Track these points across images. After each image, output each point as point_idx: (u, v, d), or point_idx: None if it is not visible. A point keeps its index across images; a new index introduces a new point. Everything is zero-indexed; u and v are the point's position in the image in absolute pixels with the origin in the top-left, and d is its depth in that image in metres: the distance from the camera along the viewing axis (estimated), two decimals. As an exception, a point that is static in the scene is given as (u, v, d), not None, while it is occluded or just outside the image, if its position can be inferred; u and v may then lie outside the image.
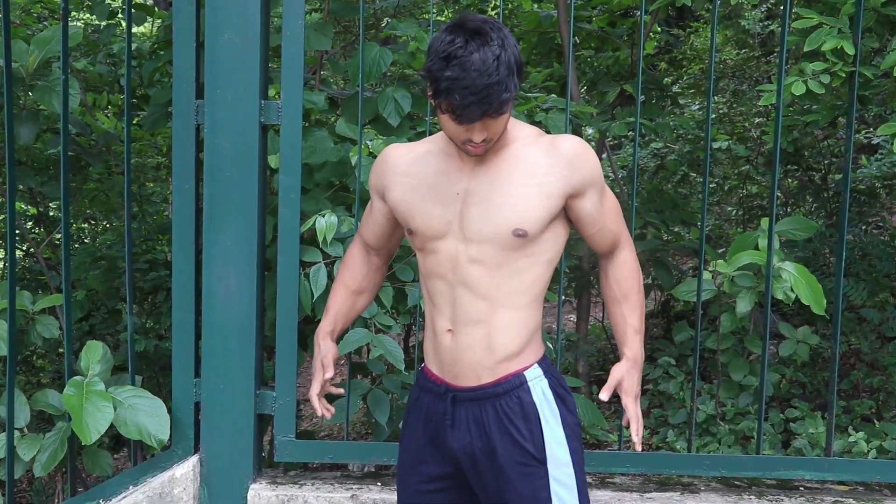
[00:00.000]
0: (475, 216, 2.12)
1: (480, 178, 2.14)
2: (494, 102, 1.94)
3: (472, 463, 2.20)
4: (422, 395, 2.31)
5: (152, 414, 2.96)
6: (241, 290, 3.01)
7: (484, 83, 1.91)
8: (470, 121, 1.97)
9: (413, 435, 2.32)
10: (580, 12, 5.65)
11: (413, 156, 2.27)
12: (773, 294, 3.21)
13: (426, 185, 2.20)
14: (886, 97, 4.98)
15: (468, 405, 2.20)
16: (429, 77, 1.97)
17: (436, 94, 1.96)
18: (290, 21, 3.00)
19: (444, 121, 2.04)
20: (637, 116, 3.21)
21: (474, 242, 2.13)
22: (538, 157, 2.13)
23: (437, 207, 2.17)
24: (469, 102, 1.92)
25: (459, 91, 1.91)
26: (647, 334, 6.57)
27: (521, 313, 2.18)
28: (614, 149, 8.22)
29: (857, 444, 4.06)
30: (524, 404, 2.17)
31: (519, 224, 2.09)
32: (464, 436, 2.20)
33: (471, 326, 2.17)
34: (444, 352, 2.22)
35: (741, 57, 8.05)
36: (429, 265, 2.22)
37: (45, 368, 5.43)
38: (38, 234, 5.42)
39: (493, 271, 2.13)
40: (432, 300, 2.24)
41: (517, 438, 2.16)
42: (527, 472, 2.15)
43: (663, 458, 3.23)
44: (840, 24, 3.39)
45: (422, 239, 2.21)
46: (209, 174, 3.02)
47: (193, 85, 3.02)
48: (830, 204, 6.29)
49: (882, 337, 5.52)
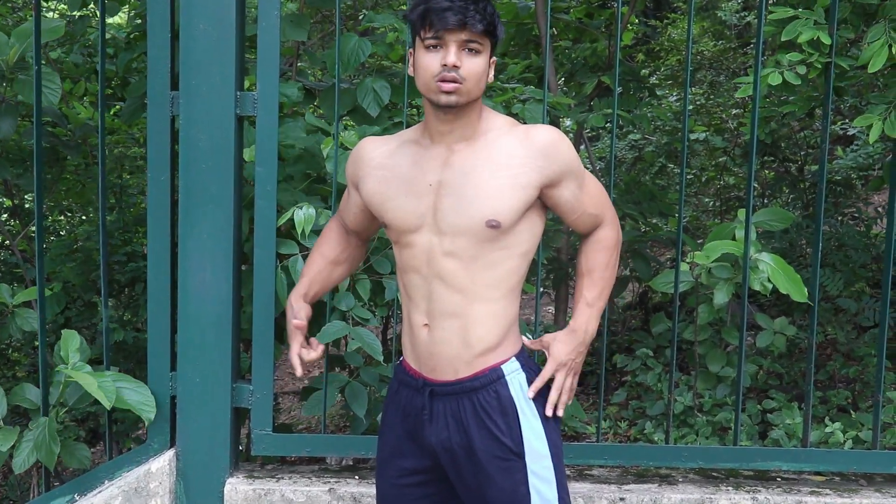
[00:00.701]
0: (448, 208, 2.11)
1: (454, 168, 2.13)
2: (474, 16, 2.00)
3: (450, 457, 2.19)
4: (400, 389, 2.30)
5: (137, 393, 2.96)
6: (217, 283, 3.00)
7: None
8: (447, 25, 2.00)
9: (392, 429, 2.31)
10: (558, 3, 5.65)
11: (387, 148, 2.27)
12: (750, 285, 3.22)
13: (399, 178, 2.20)
14: (862, 88, 5.00)
15: (446, 399, 2.19)
16: (412, 6, 2.06)
17: (416, 17, 2.04)
18: (266, 11, 2.97)
19: (420, 57, 2.08)
20: (614, 108, 3.20)
21: (448, 235, 2.12)
22: (512, 148, 2.12)
23: (410, 200, 2.16)
24: (448, 6, 1.99)
25: (440, 0, 2.00)
26: (625, 325, 6.60)
27: (496, 306, 2.17)
28: (592, 140, 8.24)
29: (833, 434, 4.08)
30: (501, 398, 2.16)
31: (492, 215, 2.08)
32: (441, 430, 2.19)
33: (447, 320, 2.16)
34: (420, 346, 2.21)
35: (718, 48, 8.08)
36: (404, 259, 2.21)
37: (21, 362, 5.40)
38: (13, 227, 5.38)
39: (468, 264, 2.12)
40: (409, 294, 2.23)
41: (495, 433, 2.15)
42: (505, 466, 2.15)
43: (641, 450, 3.23)
44: (816, 17, 3.39)
45: (396, 232, 2.20)
46: (185, 166, 3.00)
47: (168, 76, 2.99)
48: (807, 195, 6.33)
49: (858, 327, 5.56)
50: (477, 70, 2.07)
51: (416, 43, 2.10)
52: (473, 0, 2.02)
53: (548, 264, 5.26)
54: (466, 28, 2.01)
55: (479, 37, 2.04)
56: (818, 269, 3.16)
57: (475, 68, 2.06)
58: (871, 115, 3.45)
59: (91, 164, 4.93)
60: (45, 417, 2.98)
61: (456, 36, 2.02)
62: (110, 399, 2.81)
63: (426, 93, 2.10)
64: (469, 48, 2.04)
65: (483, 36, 2.05)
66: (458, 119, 2.13)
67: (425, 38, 2.05)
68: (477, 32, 2.03)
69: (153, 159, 3.02)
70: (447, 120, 2.13)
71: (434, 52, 2.05)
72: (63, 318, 4.78)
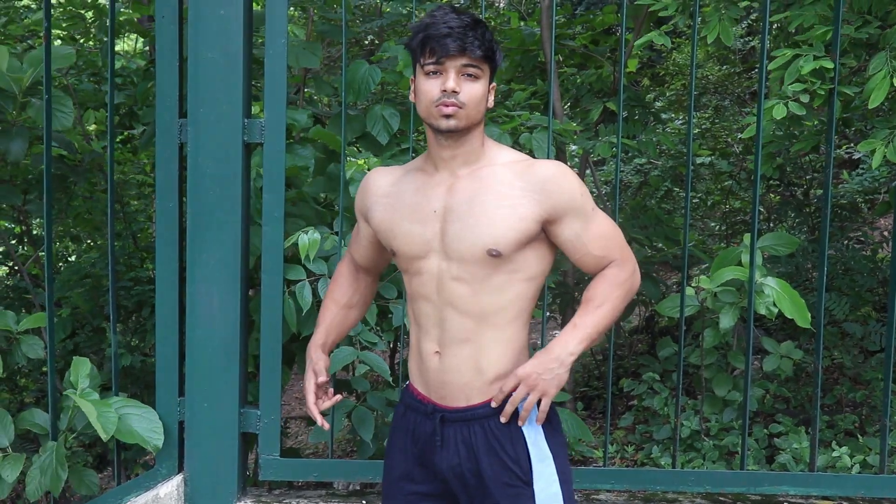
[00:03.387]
0: (454, 234, 2.13)
1: (458, 196, 2.15)
2: (470, 42, 2.04)
3: (461, 483, 2.19)
4: (408, 413, 2.30)
5: (145, 420, 2.97)
6: (225, 309, 3.01)
7: (462, 24, 2.05)
8: (446, 51, 2.03)
9: (401, 452, 2.31)
10: (563, 30, 5.68)
11: (393, 177, 2.30)
12: (755, 309, 3.23)
13: (405, 205, 2.22)
14: (868, 113, 5.02)
15: (457, 426, 2.19)
16: (412, 34, 2.08)
17: (417, 44, 2.08)
18: (273, 39, 3.00)
19: (420, 84, 2.12)
20: (619, 134, 3.22)
21: (455, 261, 2.13)
22: (513, 179, 2.13)
23: (416, 226, 2.18)
24: (447, 33, 2.03)
25: (440, 27, 2.04)
26: (632, 350, 6.59)
27: (506, 332, 2.17)
28: (598, 164, 8.25)
29: (840, 458, 4.07)
30: (511, 426, 2.17)
31: (493, 245, 2.09)
32: (452, 456, 2.19)
33: (458, 347, 2.16)
34: (431, 373, 2.22)
35: (723, 73, 8.11)
36: (414, 287, 2.22)
37: (29, 388, 5.41)
38: (27, 252, 5.40)
39: (477, 289, 2.13)
40: (418, 322, 2.24)
41: (504, 459, 2.15)
42: (514, 493, 2.15)
43: (648, 475, 3.23)
44: (816, 52, 3.41)
45: (405, 259, 2.22)
46: (193, 193, 3.01)
47: (177, 104, 3.02)
48: (813, 219, 6.33)
49: (865, 351, 5.55)
50: (476, 95, 2.10)
51: (417, 70, 2.13)
52: (472, 26, 2.05)
53: (555, 288, 5.27)
54: (465, 54, 2.05)
55: (478, 62, 2.07)
56: (823, 294, 3.16)
57: (475, 93, 2.09)
58: (875, 140, 3.46)
59: (97, 191, 4.96)
60: (54, 442, 2.99)
61: (455, 62, 2.06)
62: (108, 430, 2.81)
63: (427, 118, 2.13)
64: (468, 73, 2.08)
65: (482, 61, 2.08)
66: (460, 145, 2.15)
67: (425, 64, 2.08)
68: (476, 58, 2.06)
69: (161, 186, 3.05)
70: (448, 145, 2.15)
71: (434, 77, 2.08)
72: (71, 343, 4.79)
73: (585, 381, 6.37)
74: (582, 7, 6.88)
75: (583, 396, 6.09)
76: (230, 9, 2.97)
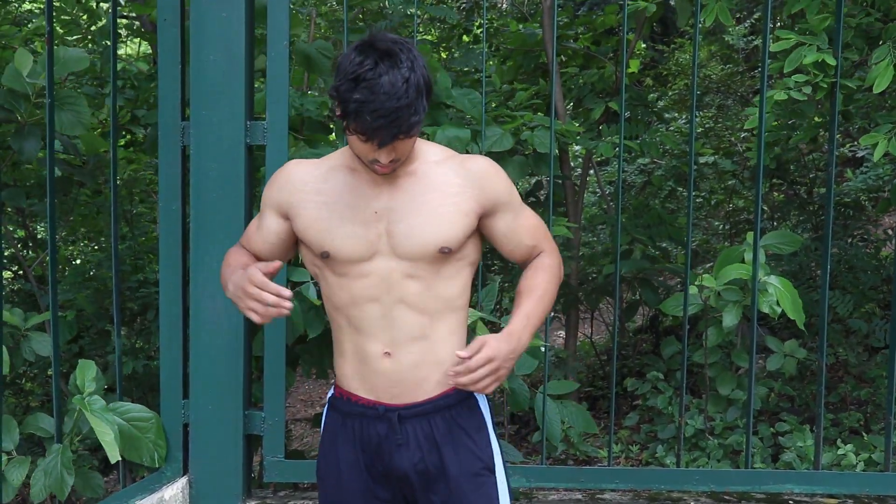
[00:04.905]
0: (402, 234, 2.08)
1: (398, 196, 2.11)
2: (404, 125, 1.91)
3: (424, 479, 2.14)
4: (347, 421, 2.20)
5: (149, 430, 2.99)
6: (228, 311, 3.01)
7: (393, 106, 1.87)
8: (382, 144, 1.93)
9: (351, 467, 2.20)
10: (565, 31, 5.68)
11: (320, 173, 2.19)
12: (759, 308, 3.23)
13: (341, 205, 2.13)
14: (870, 110, 5.02)
15: (415, 421, 2.14)
16: (337, 97, 1.92)
17: (345, 115, 1.92)
18: (275, 42, 3.01)
19: (352, 141, 2.00)
20: (621, 134, 3.23)
21: (406, 260, 2.09)
22: (450, 177, 2.12)
23: (358, 228, 2.10)
24: (379, 125, 1.89)
25: (369, 114, 1.87)
26: (636, 349, 6.59)
27: (454, 321, 2.17)
28: (602, 164, 8.25)
29: (845, 456, 4.07)
30: (474, 413, 2.17)
31: (444, 242, 2.08)
32: (414, 453, 2.14)
33: (413, 344, 2.12)
34: (378, 375, 2.14)
35: (726, 72, 8.10)
36: (355, 291, 2.13)
37: (35, 392, 5.42)
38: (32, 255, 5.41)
39: (431, 283, 2.11)
40: (356, 326, 2.15)
41: (471, 448, 2.15)
42: (480, 482, 2.14)
43: (653, 474, 3.24)
44: (819, 42, 3.42)
45: (343, 263, 2.12)
46: (196, 195, 3.02)
47: (179, 106, 3.03)
48: (816, 217, 6.32)
49: (869, 349, 5.55)
50: (408, 149, 2.04)
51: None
52: (406, 107, 1.90)
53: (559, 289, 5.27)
54: (398, 138, 1.95)
55: (411, 133, 1.97)
56: (826, 292, 3.16)
57: (407, 149, 2.03)
58: (877, 134, 3.46)
59: (102, 193, 4.97)
60: (59, 445, 3.00)
61: (387, 146, 1.97)
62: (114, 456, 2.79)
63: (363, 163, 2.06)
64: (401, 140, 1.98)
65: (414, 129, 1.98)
66: None
67: (356, 134, 1.96)
68: (409, 135, 1.96)
69: (164, 189, 3.05)
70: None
71: (366, 142, 1.96)
72: (77, 346, 4.80)
73: (590, 381, 6.37)
74: (584, 8, 6.88)
75: (587, 396, 6.08)
76: (232, 11, 2.98)
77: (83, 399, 2.93)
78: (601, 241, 7.03)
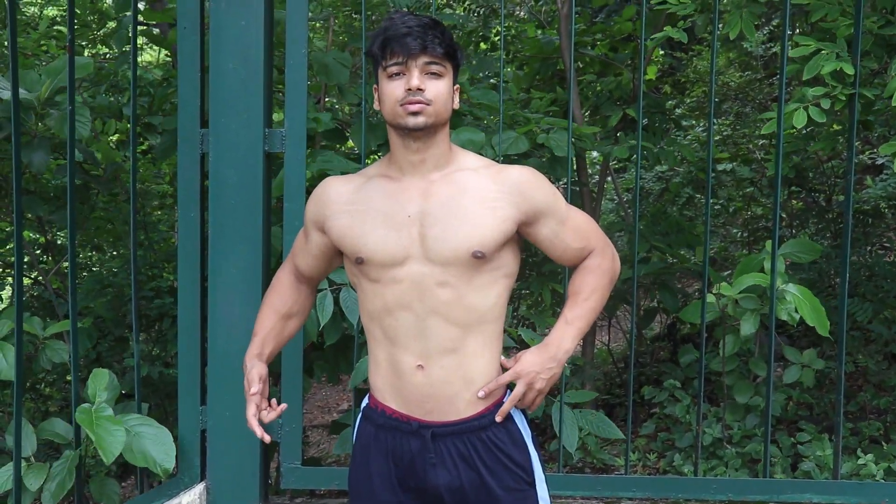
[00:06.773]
0: (435, 238, 2.07)
1: (432, 200, 2.10)
2: (431, 38, 2.01)
3: (460, 497, 2.13)
4: (380, 434, 2.18)
5: (158, 442, 2.96)
6: (246, 318, 3.01)
7: (423, 23, 2.03)
8: (408, 50, 2.00)
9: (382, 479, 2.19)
10: (582, 38, 5.68)
11: (352, 186, 2.22)
12: (777, 316, 3.21)
13: (375, 211, 2.14)
14: (890, 118, 4.99)
15: (449, 440, 2.13)
16: (370, 44, 2.07)
17: (377, 47, 2.04)
18: (293, 50, 3.02)
19: (384, 87, 2.07)
20: (639, 141, 3.22)
21: (438, 265, 2.07)
22: (487, 184, 2.11)
23: (391, 232, 2.10)
24: (407, 32, 2.00)
25: (399, 28, 2.01)
26: (654, 357, 6.57)
27: (488, 335, 2.14)
28: (619, 172, 8.24)
29: (865, 466, 4.04)
30: (512, 433, 2.15)
31: (478, 246, 2.05)
32: (448, 472, 2.12)
33: (445, 357, 2.10)
34: (411, 389, 2.13)
35: (744, 79, 8.07)
36: (388, 298, 2.12)
37: (54, 397, 5.44)
38: (47, 263, 5.45)
39: (463, 292, 2.09)
40: (390, 336, 2.14)
41: (510, 466, 2.13)
42: (519, 497, 2.14)
43: (670, 482, 3.23)
44: (838, 49, 3.40)
45: (377, 267, 2.11)
46: (214, 202, 3.04)
47: (198, 114, 3.05)
48: (835, 225, 6.29)
49: (889, 357, 5.51)
50: (442, 92, 2.06)
51: (380, 74, 2.09)
52: (431, 26, 2.04)
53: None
54: (427, 51, 2.01)
55: (440, 59, 2.04)
56: (845, 300, 3.15)
57: (440, 90, 2.06)
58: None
59: (119, 202, 5.00)
60: (71, 451, 3.01)
61: (417, 60, 2.02)
62: (112, 453, 2.80)
63: (393, 119, 2.08)
64: (431, 72, 2.04)
65: (444, 59, 2.05)
66: (428, 147, 2.11)
67: (388, 66, 2.04)
68: (438, 55, 2.03)
69: (183, 196, 3.07)
70: (417, 148, 2.10)
71: (398, 79, 2.04)
72: (94, 353, 4.82)
73: (607, 389, 6.35)
74: (602, 15, 6.87)
75: (604, 404, 6.07)
76: (251, 19, 2.99)
77: (91, 409, 2.93)
78: (619, 248, 7.00)
